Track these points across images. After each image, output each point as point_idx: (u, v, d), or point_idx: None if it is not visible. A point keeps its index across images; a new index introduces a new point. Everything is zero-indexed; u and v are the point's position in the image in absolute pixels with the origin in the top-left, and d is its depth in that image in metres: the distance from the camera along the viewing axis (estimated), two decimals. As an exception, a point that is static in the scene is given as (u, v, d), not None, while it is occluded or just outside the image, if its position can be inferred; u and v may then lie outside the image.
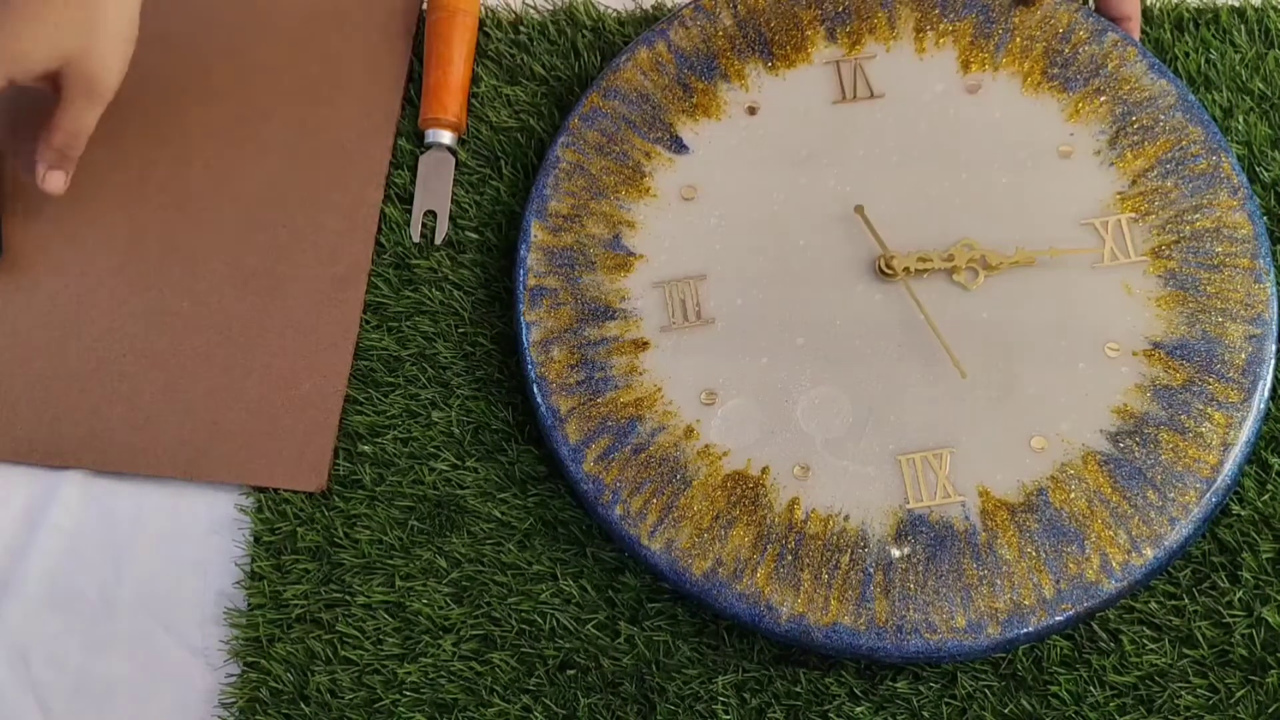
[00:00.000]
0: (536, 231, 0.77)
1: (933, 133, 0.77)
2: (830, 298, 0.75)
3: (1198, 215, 0.75)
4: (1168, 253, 0.74)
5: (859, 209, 0.75)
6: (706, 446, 0.73)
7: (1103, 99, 0.77)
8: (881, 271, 0.75)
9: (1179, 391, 0.72)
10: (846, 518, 0.71)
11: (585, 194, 0.77)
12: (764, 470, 0.72)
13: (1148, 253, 0.75)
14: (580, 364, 0.74)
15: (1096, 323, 0.74)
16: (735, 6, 0.80)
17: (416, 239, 0.80)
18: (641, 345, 0.75)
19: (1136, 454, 0.71)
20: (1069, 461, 0.71)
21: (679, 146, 0.78)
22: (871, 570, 0.70)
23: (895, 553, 0.70)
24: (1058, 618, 0.69)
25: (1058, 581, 0.69)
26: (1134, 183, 0.76)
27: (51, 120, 0.75)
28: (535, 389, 0.74)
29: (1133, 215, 0.75)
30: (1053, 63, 0.78)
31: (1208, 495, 0.70)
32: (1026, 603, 0.69)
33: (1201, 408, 0.72)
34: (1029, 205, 0.76)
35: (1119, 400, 0.72)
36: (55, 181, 0.76)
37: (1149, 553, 0.70)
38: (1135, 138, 0.76)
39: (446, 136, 0.81)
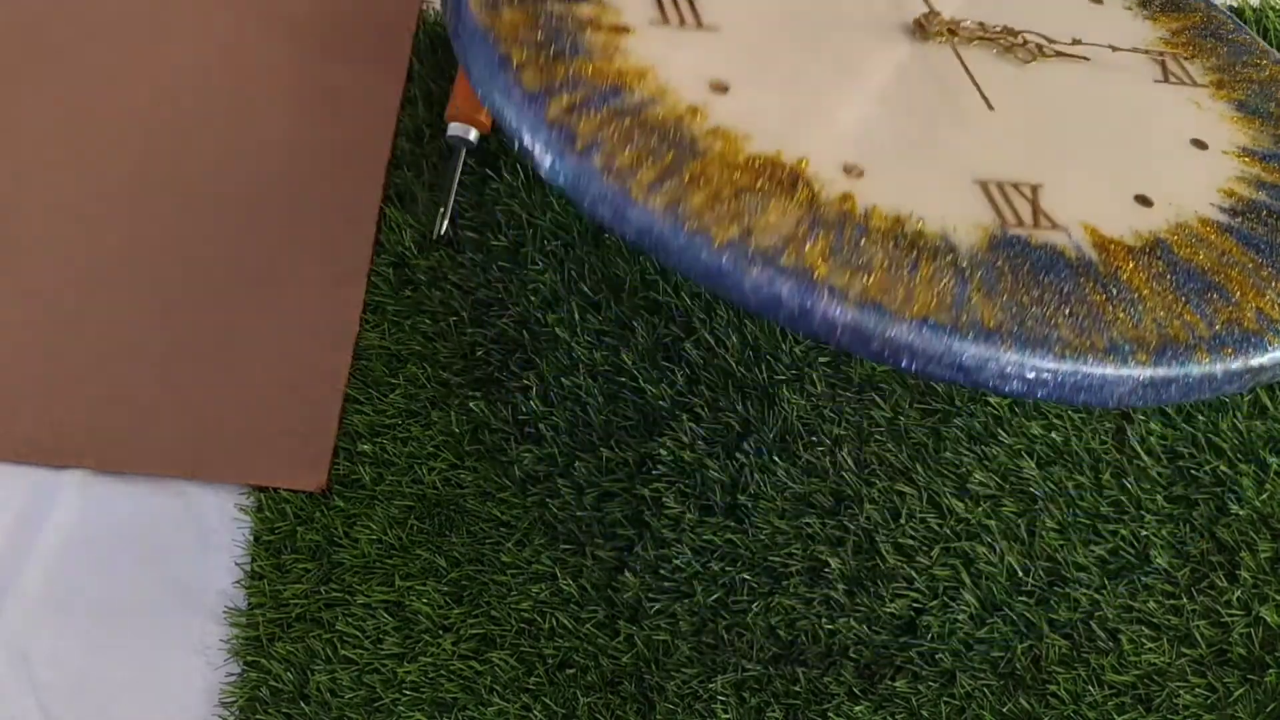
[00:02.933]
0: None
1: None
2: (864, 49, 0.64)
3: (1248, 68, 0.70)
4: (1230, 86, 0.69)
5: None
6: (718, 127, 0.59)
7: None
8: (920, 26, 0.65)
9: None
10: (922, 220, 0.57)
11: None
12: (801, 161, 0.58)
13: (1209, 83, 0.68)
14: (540, 27, 0.59)
15: (1174, 125, 0.66)
16: None
17: (440, 233, 0.79)
18: (622, 30, 0.61)
19: (1258, 229, 0.61)
20: (1184, 222, 0.61)
21: None
22: (965, 270, 0.55)
23: (993, 260, 0.57)
24: (1230, 365, 0.55)
25: (1211, 324, 0.56)
26: (1175, 34, 0.71)
27: None
28: (476, 41, 0.57)
29: (1184, 55, 0.70)
30: None
31: None
32: (1180, 337, 0.55)
33: None
34: (1079, 11, 0.69)
35: (1225, 185, 0.63)
36: None
37: None
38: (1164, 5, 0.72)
39: (473, 133, 0.81)
